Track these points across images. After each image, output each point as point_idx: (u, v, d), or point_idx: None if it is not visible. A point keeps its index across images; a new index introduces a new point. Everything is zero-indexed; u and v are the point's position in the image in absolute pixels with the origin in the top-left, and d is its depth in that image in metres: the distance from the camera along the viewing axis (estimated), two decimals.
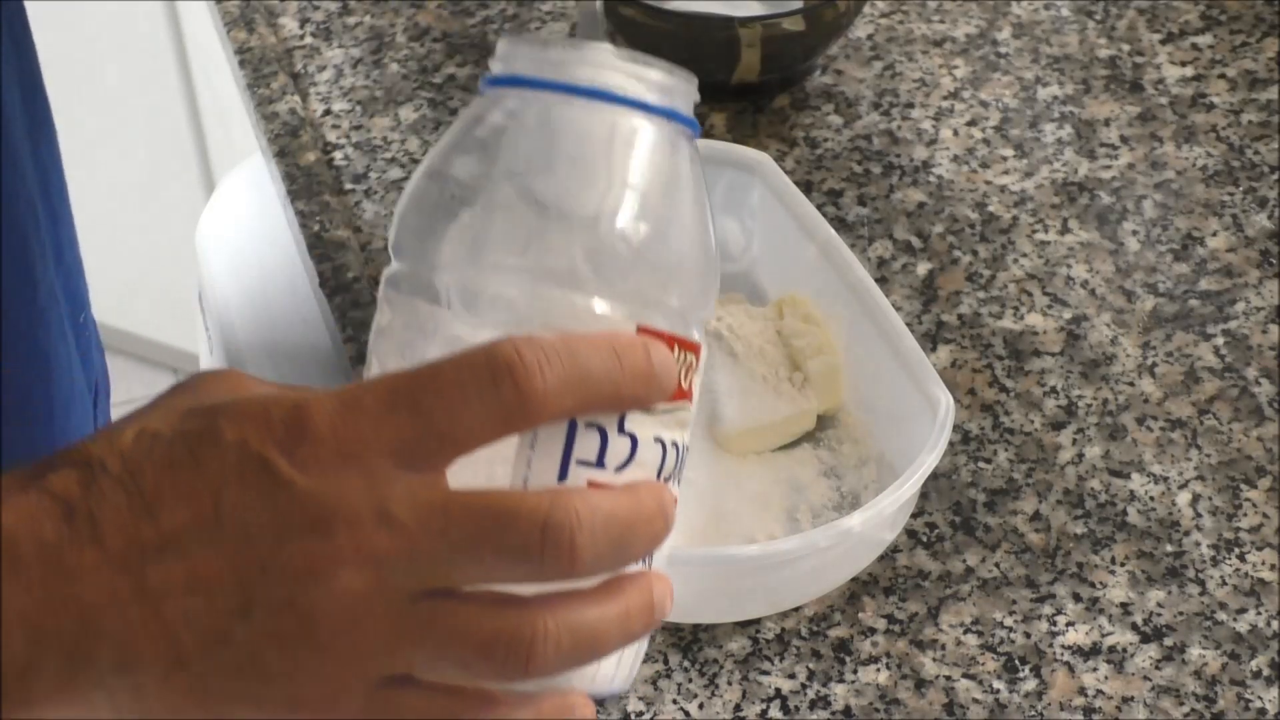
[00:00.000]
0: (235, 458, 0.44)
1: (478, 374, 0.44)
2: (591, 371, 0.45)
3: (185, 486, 0.44)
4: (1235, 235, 0.91)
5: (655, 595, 0.47)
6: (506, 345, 0.44)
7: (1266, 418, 0.82)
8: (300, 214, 0.93)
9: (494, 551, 0.44)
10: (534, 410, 0.44)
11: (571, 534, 0.44)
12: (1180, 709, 0.71)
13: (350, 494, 0.43)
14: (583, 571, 0.44)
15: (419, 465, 0.44)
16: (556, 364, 0.44)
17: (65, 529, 0.44)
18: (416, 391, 0.44)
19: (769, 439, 0.80)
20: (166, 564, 0.43)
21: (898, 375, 0.76)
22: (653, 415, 0.47)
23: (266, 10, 1.06)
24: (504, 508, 0.44)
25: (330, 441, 0.43)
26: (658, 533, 0.46)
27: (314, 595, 0.43)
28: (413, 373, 0.44)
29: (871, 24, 1.04)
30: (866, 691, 0.72)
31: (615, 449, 0.46)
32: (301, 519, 0.43)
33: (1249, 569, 0.76)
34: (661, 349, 0.47)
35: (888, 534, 0.75)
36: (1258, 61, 1.00)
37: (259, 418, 0.44)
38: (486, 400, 0.44)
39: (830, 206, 0.93)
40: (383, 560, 0.43)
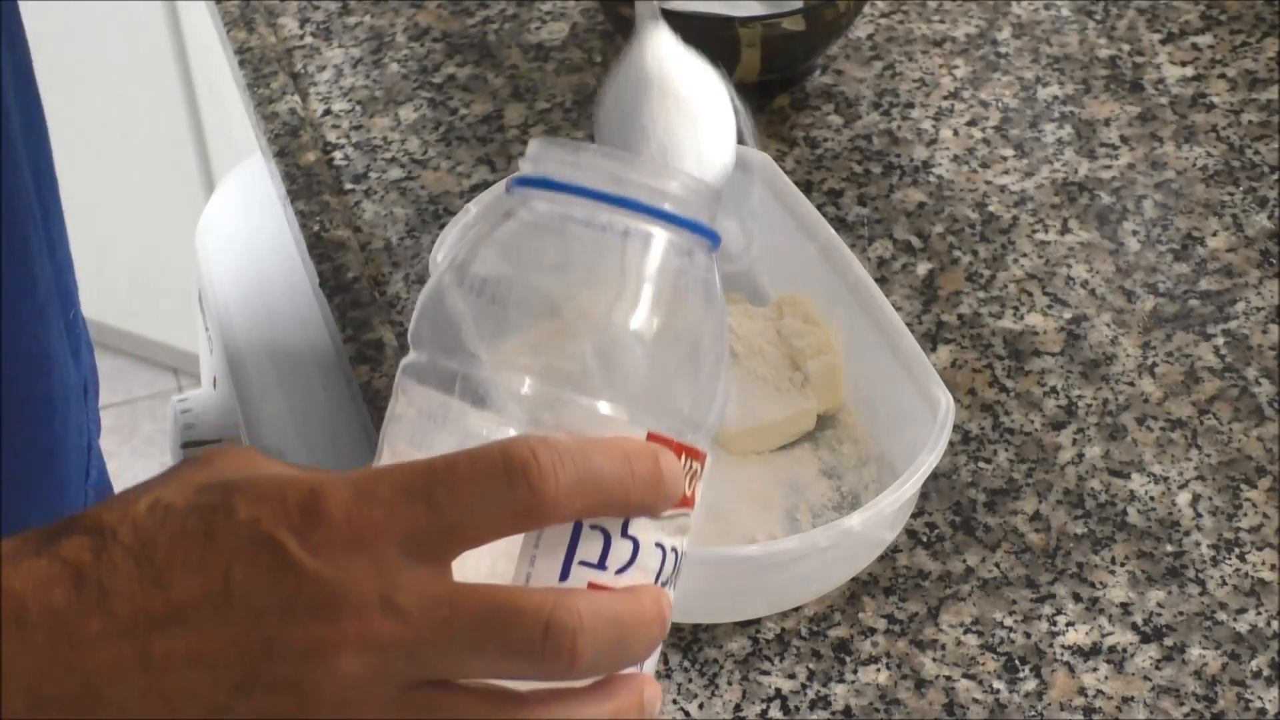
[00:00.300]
0: (248, 536, 0.44)
1: (493, 472, 0.44)
2: (604, 476, 0.46)
3: (196, 560, 0.44)
4: (1235, 235, 0.91)
5: (646, 697, 0.48)
6: (523, 445, 0.45)
7: (1266, 418, 0.82)
8: (300, 214, 0.93)
9: (496, 647, 0.44)
10: (545, 511, 0.45)
11: (574, 635, 0.44)
12: (1180, 709, 0.71)
13: (358, 580, 0.44)
14: (581, 672, 0.45)
15: (427, 557, 0.44)
16: (570, 467, 0.45)
17: (74, 596, 0.44)
18: (431, 484, 0.44)
19: (769, 439, 0.80)
20: (172, 636, 0.44)
21: (898, 375, 0.76)
22: (656, 521, 0.48)
23: (266, 10, 1.06)
24: (508, 605, 0.45)
25: (342, 528, 0.44)
26: (655, 638, 0.47)
27: (315, 677, 0.44)
28: (428, 465, 0.45)
29: (871, 24, 1.04)
30: (866, 691, 0.72)
31: (617, 552, 0.47)
32: (308, 601, 0.44)
33: (1249, 569, 0.76)
34: (670, 457, 0.48)
35: (888, 534, 0.75)
36: (1258, 61, 1.00)
37: (274, 498, 0.44)
38: (500, 499, 0.44)
39: (830, 206, 0.93)
40: (386, 647, 0.44)
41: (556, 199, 0.49)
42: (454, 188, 0.94)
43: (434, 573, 0.44)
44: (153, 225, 2.07)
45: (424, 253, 0.91)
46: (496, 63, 1.02)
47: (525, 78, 1.01)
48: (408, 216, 0.93)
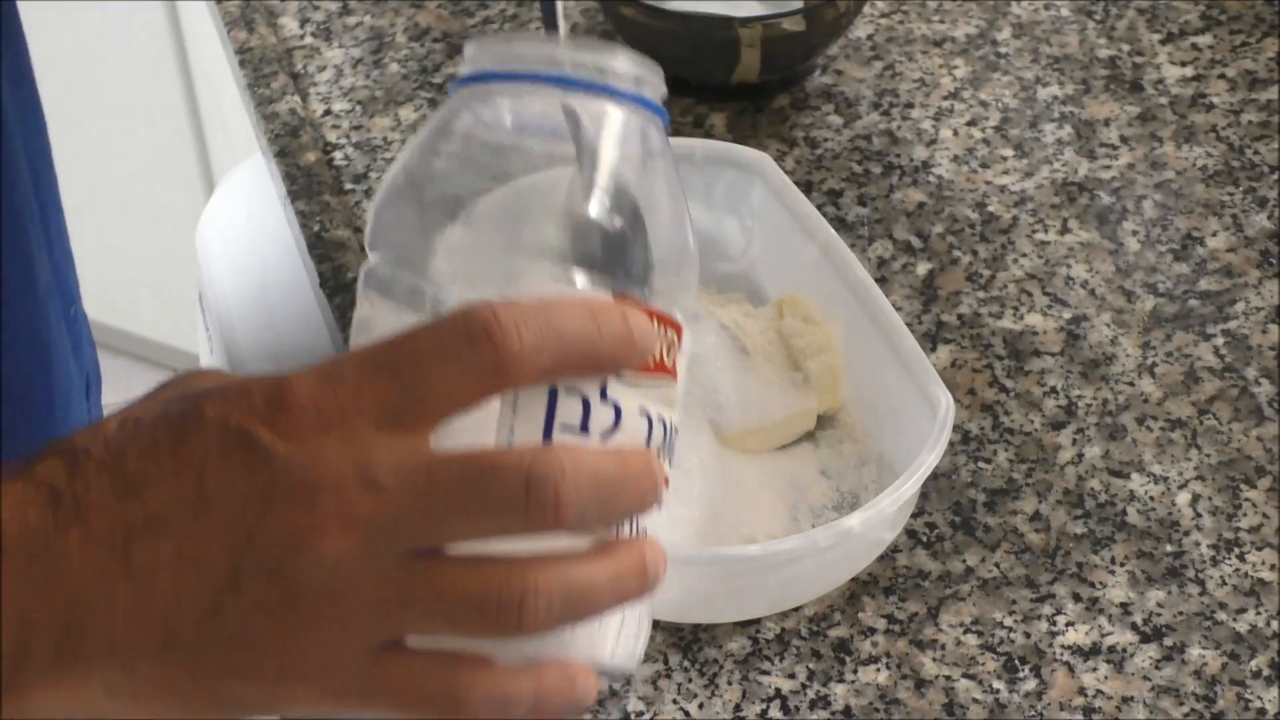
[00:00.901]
0: (217, 433, 0.44)
1: (454, 336, 0.44)
2: (568, 332, 0.45)
3: (168, 465, 0.44)
4: (1235, 235, 0.91)
5: (648, 558, 0.47)
6: (483, 307, 0.44)
7: (1266, 418, 0.82)
8: (300, 214, 0.93)
9: (480, 506, 0.44)
10: (511, 369, 0.44)
11: (555, 484, 0.44)
12: (1180, 709, 0.71)
13: (332, 460, 0.43)
14: (568, 522, 0.44)
15: (401, 429, 0.44)
16: (533, 324, 0.44)
17: (50, 514, 0.44)
18: (395, 357, 0.44)
19: (769, 439, 0.80)
20: (153, 542, 0.44)
21: (898, 375, 0.76)
22: (636, 387, 0.47)
23: (266, 10, 1.06)
24: (487, 463, 0.44)
25: (310, 411, 0.44)
26: (645, 492, 0.46)
27: (301, 563, 0.43)
28: (390, 340, 0.44)
29: (871, 24, 1.04)
30: (866, 691, 0.72)
31: (599, 416, 0.47)
32: (285, 488, 0.43)
33: (1249, 569, 0.76)
34: (639, 315, 0.47)
35: (888, 534, 0.75)
36: (1258, 61, 1.00)
37: (240, 396, 0.44)
38: (464, 361, 0.44)
39: (830, 206, 0.93)
40: (368, 524, 0.43)
41: (499, 89, 0.49)
42: None
43: (410, 445, 0.44)
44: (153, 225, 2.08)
45: None
46: None
47: None
48: None
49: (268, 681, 0.45)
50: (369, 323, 0.49)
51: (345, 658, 0.44)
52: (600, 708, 0.72)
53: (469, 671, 0.45)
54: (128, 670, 0.44)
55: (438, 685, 0.45)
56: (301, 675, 0.44)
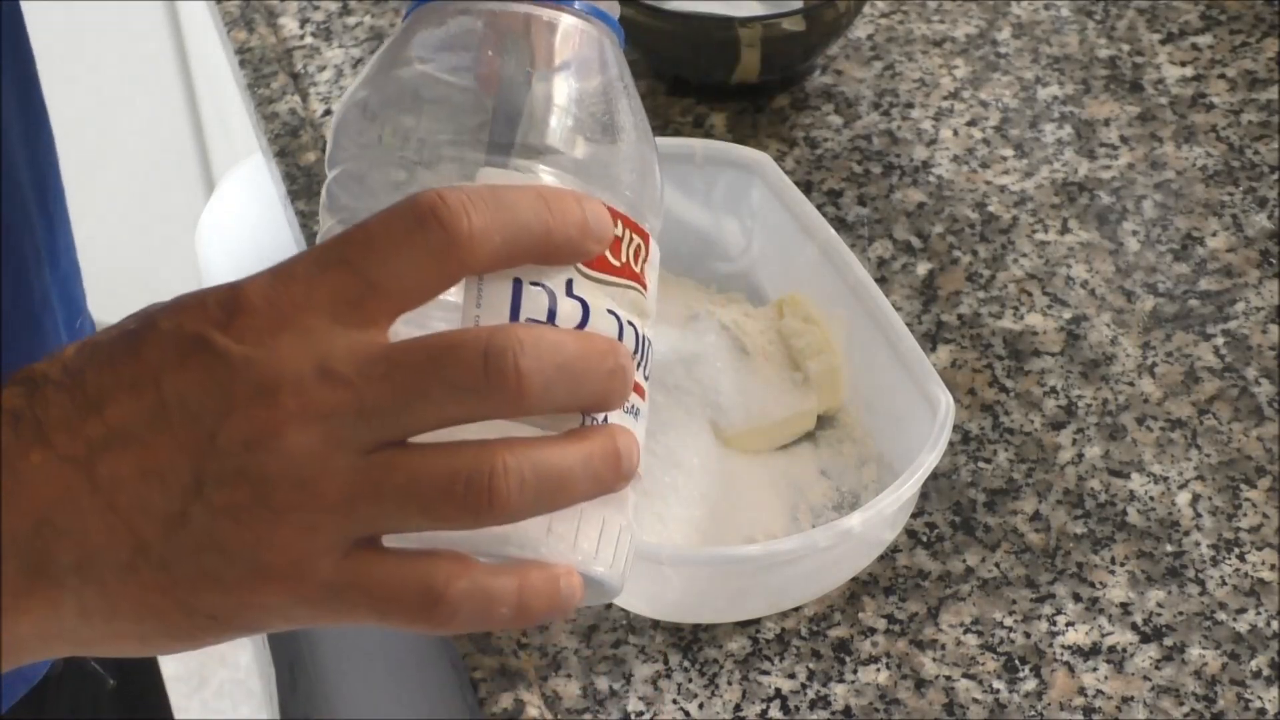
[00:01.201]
0: (173, 341, 0.44)
1: (403, 221, 0.44)
2: (520, 213, 0.45)
3: (126, 378, 0.44)
4: (1235, 235, 0.91)
5: (620, 444, 0.46)
6: (429, 192, 0.44)
7: (1266, 418, 0.82)
8: (300, 214, 0.93)
9: (439, 386, 0.43)
10: (463, 250, 0.44)
11: (515, 357, 0.43)
12: (1180, 709, 0.71)
13: (289, 356, 0.43)
14: (532, 398, 0.44)
15: (356, 320, 0.44)
16: (482, 206, 0.44)
17: (12, 435, 0.44)
18: (345, 248, 0.44)
19: (769, 439, 0.80)
20: (115, 454, 0.43)
21: (898, 375, 0.76)
22: (602, 286, 0.47)
23: (266, 10, 1.06)
24: (445, 343, 0.44)
25: (264, 310, 0.43)
26: (610, 371, 0.46)
27: (264, 460, 0.43)
28: (340, 235, 0.44)
29: (871, 24, 1.04)
30: (866, 691, 0.72)
31: (565, 310, 0.46)
32: (243, 388, 0.43)
33: (1249, 569, 0.76)
34: (595, 202, 0.47)
35: (888, 534, 0.75)
36: (1258, 61, 1.00)
37: (194, 304, 0.44)
38: (415, 245, 0.43)
39: (830, 206, 0.93)
40: (330, 416, 0.43)
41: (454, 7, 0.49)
42: None
43: (367, 336, 0.44)
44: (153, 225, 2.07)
45: None
46: None
47: None
48: None
49: (239, 587, 0.44)
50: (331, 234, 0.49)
51: (316, 556, 0.44)
52: (600, 708, 0.72)
53: (447, 565, 0.45)
54: (99, 586, 0.44)
55: (415, 581, 0.44)
56: (273, 577, 0.44)
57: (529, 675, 0.73)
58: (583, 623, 0.75)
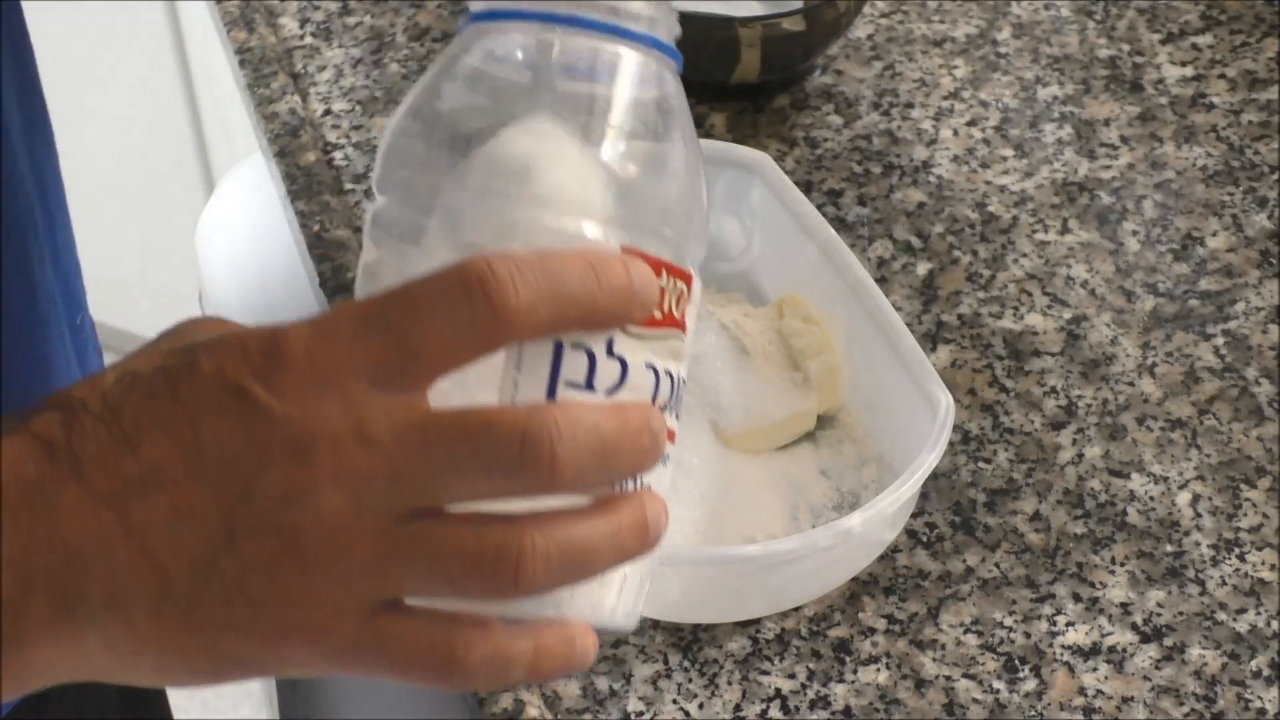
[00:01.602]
0: (213, 387, 0.44)
1: (450, 289, 0.43)
2: (567, 284, 0.44)
3: (165, 418, 0.44)
4: (1235, 235, 0.91)
5: (649, 513, 0.47)
6: (478, 260, 0.43)
7: (1266, 418, 0.82)
8: (300, 214, 0.93)
9: (476, 465, 0.43)
10: (507, 323, 0.44)
11: (551, 443, 0.43)
12: (1180, 709, 0.71)
13: (328, 417, 0.43)
14: (565, 483, 0.44)
15: (396, 385, 0.43)
16: (530, 277, 0.44)
17: (48, 467, 0.44)
18: (389, 311, 0.44)
19: (769, 439, 0.80)
20: (149, 496, 0.43)
21: (898, 375, 0.76)
22: (643, 341, 0.47)
23: (266, 10, 1.06)
24: (483, 421, 0.44)
25: (305, 366, 0.43)
26: (645, 448, 0.46)
27: (297, 519, 0.43)
28: (385, 294, 0.44)
29: (871, 24, 1.04)
30: (866, 691, 0.72)
31: (605, 372, 0.46)
32: (280, 444, 0.43)
33: (1249, 569, 0.76)
34: (641, 266, 0.46)
35: (888, 534, 0.75)
36: (1258, 61, 1.00)
37: (236, 349, 0.44)
38: (459, 315, 0.43)
39: (830, 206, 0.93)
40: (364, 480, 0.43)
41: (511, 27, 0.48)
42: None
43: (406, 401, 0.44)
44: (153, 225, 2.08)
45: None
46: None
47: None
48: None
49: (263, 638, 0.44)
50: (375, 267, 0.48)
51: (341, 615, 0.44)
52: (600, 708, 0.72)
53: (467, 631, 0.45)
54: (126, 624, 0.44)
55: (435, 645, 0.45)
56: (297, 632, 0.44)
57: None
58: None
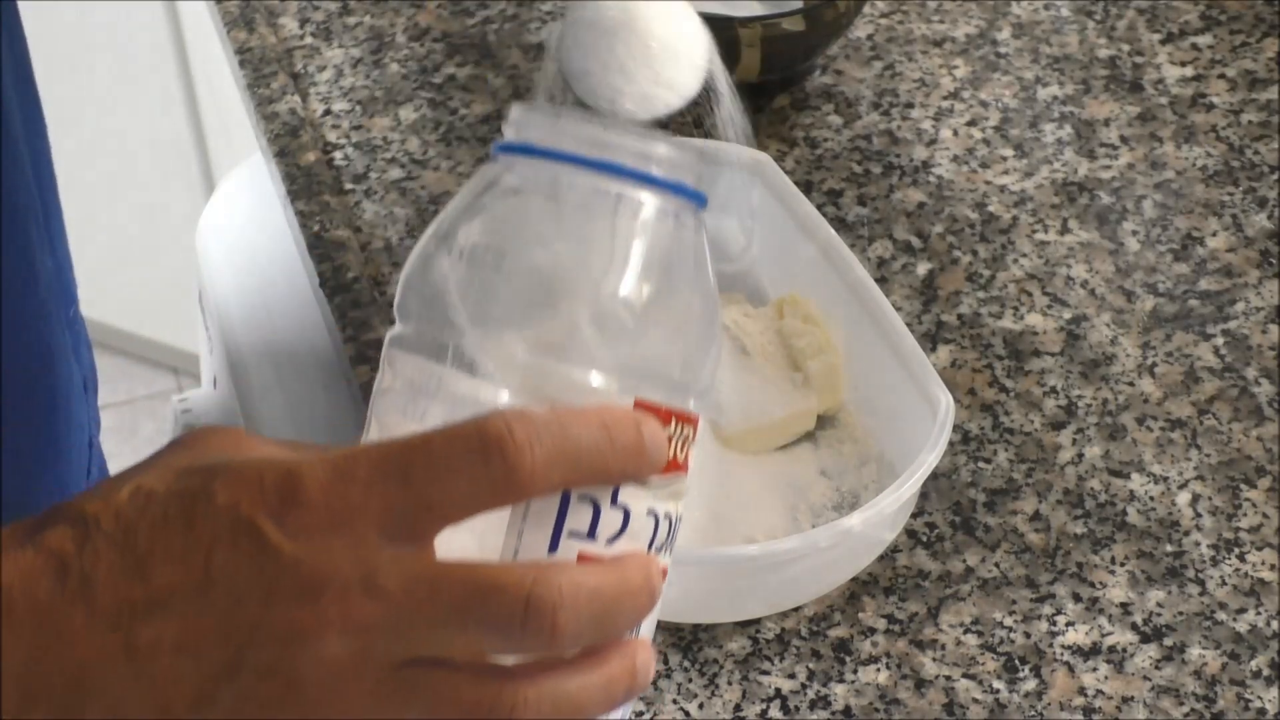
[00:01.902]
0: (227, 521, 0.44)
1: (469, 447, 0.44)
2: (581, 447, 0.46)
3: (177, 547, 0.44)
4: (1235, 235, 0.91)
5: (639, 663, 0.48)
6: (498, 420, 0.45)
7: (1266, 418, 0.82)
8: (300, 214, 0.93)
9: (478, 623, 0.44)
10: (521, 486, 0.45)
11: (554, 610, 0.45)
12: (1180, 709, 0.71)
13: (338, 562, 0.44)
14: (564, 646, 0.46)
15: (407, 536, 0.44)
16: (547, 440, 0.45)
17: (59, 587, 0.45)
18: (407, 462, 0.45)
19: (769, 439, 0.80)
20: (156, 624, 0.44)
21: (898, 375, 0.76)
22: (647, 489, 0.48)
23: (266, 10, 1.06)
24: (489, 582, 0.45)
25: (320, 510, 0.44)
26: (642, 607, 0.47)
27: (299, 660, 0.44)
28: (404, 443, 0.45)
29: (871, 24, 1.04)
30: (866, 691, 0.72)
31: (608, 521, 0.47)
32: (289, 585, 0.44)
33: (1249, 569, 0.76)
34: (654, 425, 0.48)
35: (888, 534, 0.75)
36: (1258, 61, 1.00)
37: (252, 482, 0.45)
38: (476, 474, 0.44)
39: (830, 206, 0.93)
40: (369, 628, 0.44)
41: (540, 165, 0.49)
42: (454, 188, 0.94)
43: (414, 552, 0.44)
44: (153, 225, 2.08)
45: None
46: (496, 63, 1.02)
47: (525, 78, 1.01)
48: (408, 216, 0.93)
49: None
50: (390, 390, 0.49)
51: None
52: None
53: None
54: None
55: None
56: None
57: None
58: None
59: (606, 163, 0.48)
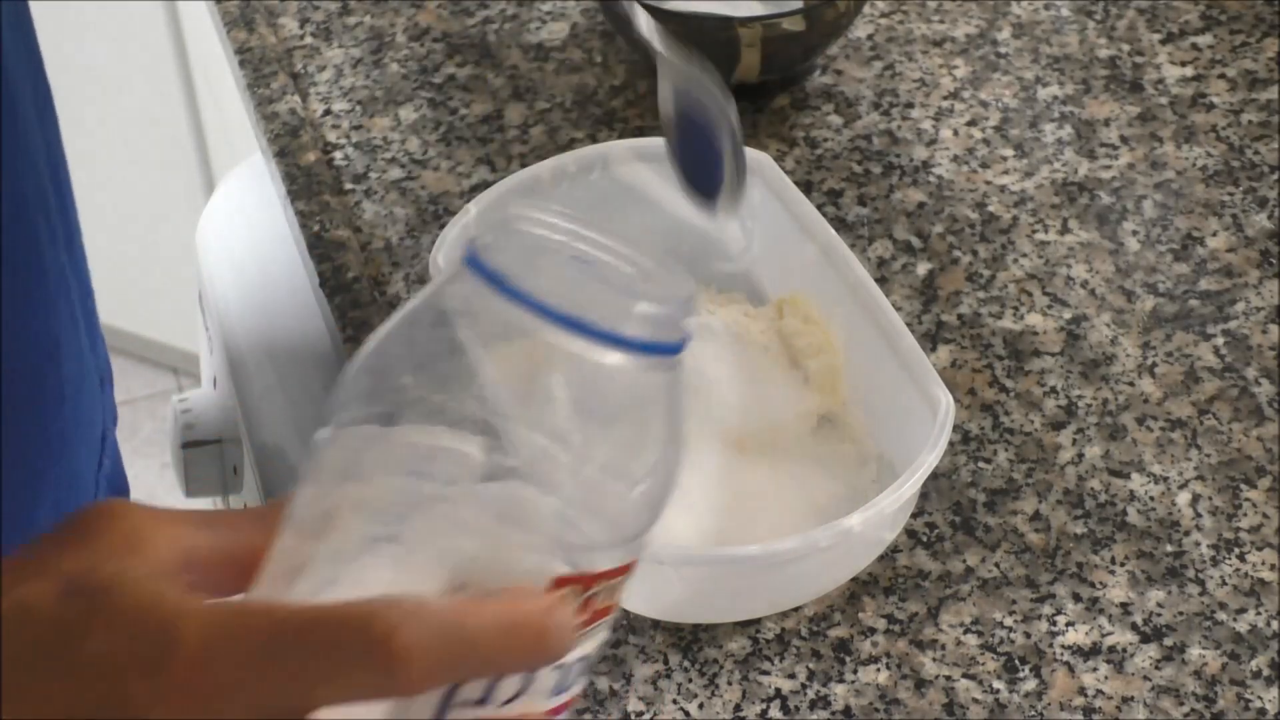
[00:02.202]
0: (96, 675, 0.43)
1: (354, 641, 0.42)
2: (474, 652, 0.43)
3: (39, 691, 0.43)
4: (1235, 235, 0.91)
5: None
6: (388, 616, 0.42)
7: (1266, 418, 0.82)
8: (300, 214, 0.93)
9: None
10: (402, 690, 0.43)
11: None
12: (1180, 709, 0.71)
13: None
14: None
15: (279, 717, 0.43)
16: (437, 645, 0.42)
17: None
18: (289, 644, 0.42)
19: (770, 439, 0.80)
20: None
21: (898, 375, 0.76)
22: None
23: (266, 10, 1.06)
24: None
25: (191, 684, 0.42)
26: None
27: None
28: (287, 619, 0.43)
29: (871, 24, 1.04)
30: (866, 691, 0.72)
31: (504, 687, 0.45)
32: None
33: (1249, 569, 0.76)
34: (564, 613, 0.44)
35: (888, 534, 0.75)
36: (1258, 61, 1.00)
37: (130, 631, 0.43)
38: (357, 672, 0.42)
39: (830, 206, 0.93)
40: None
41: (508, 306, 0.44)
42: (454, 188, 0.94)
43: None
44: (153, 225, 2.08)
45: (424, 253, 0.91)
46: (496, 63, 1.02)
47: (525, 78, 1.01)
48: (408, 216, 0.93)
49: None
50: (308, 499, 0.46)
51: None
52: (600, 708, 0.72)
53: None
54: None
55: None
56: None
57: None
58: None
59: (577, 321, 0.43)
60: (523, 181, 0.85)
